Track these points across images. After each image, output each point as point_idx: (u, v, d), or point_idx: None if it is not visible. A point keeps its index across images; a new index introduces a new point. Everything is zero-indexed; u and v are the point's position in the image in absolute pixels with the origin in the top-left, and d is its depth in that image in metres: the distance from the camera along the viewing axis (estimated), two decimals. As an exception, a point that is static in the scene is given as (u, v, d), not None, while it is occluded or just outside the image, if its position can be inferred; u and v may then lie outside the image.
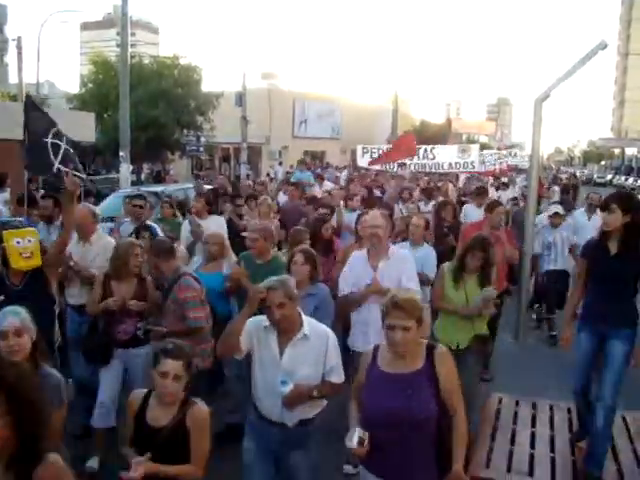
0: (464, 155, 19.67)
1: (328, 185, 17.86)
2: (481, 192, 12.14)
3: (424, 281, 6.51)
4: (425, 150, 19.16)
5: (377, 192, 15.05)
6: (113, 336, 5.61)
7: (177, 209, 10.47)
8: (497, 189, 20.95)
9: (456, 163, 19.57)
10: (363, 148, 20.05)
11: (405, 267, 5.57)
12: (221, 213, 10.31)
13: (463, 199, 14.78)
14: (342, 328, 5.90)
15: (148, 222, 8.51)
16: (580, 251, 5.59)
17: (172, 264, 5.62)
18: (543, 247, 10.18)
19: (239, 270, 6.08)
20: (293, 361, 3.94)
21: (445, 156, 19.46)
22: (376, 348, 3.68)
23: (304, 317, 4.06)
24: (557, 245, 10.13)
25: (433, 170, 19.94)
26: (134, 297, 5.60)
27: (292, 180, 16.83)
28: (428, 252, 7.30)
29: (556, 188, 22.16)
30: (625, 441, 5.20)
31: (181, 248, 7.45)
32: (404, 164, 18.31)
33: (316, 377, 3.96)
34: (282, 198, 13.61)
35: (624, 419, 5.56)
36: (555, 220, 10.19)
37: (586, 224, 10.64)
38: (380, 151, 19.20)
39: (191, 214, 8.98)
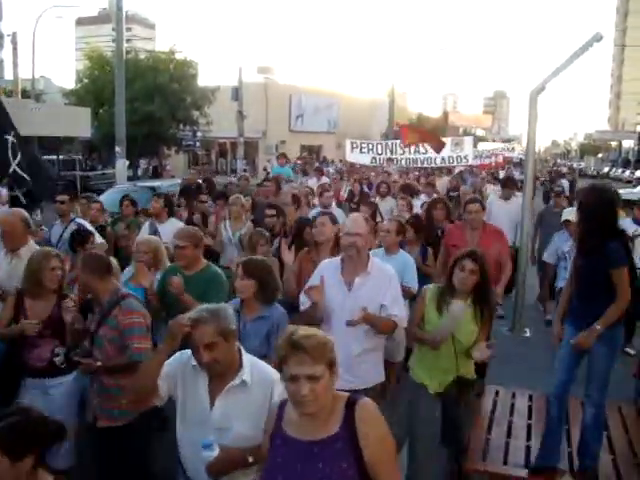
0: (457, 149, 19.16)
1: (325, 180, 16.24)
2: (509, 184, 11.28)
3: (406, 295, 5.61)
4: (417, 145, 18.79)
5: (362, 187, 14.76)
6: (24, 363, 4.70)
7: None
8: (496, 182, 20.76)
9: (449, 157, 19.06)
10: (352, 143, 19.72)
11: (389, 286, 4.50)
12: (192, 213, 9.51)
13: (451, 194, 14.09)
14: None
15: (79, 220, 7.50)
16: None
17: (109, 283, 4.55)
18: (555, 256, 8.69)
19: (178, 283, 4.92)
20: (226, 415, 3.10)
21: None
22: (283, 404, 2.74)
23: (246, 356, 3.21)
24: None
25: (425, 165, 19.58)
26: (51, 318, 4.70)
27: (271, 175, 16.14)
28: (405, 260, 6.17)
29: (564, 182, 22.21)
30: (621, 432, 5.21)
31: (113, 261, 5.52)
32: (391, 159, 18.36)
33: (255, 436, 2.97)
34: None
35: (620, 409, 5.58)
36: (571, 227, 7.91)
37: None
38: (370, 145, 19.16)
39: (148, 216, 8.11)
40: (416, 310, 4.72)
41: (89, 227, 7.21)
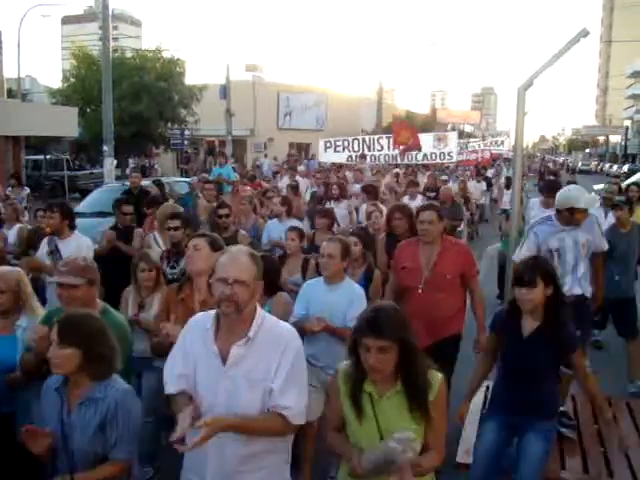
0: (440, 144, 18.00)
1: (300, 181, 14.95)
2: (553, 187, 8.32)
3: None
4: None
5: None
6: None
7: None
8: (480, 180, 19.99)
9: (432, 154, 17.95)
10: (326, 142, 18.68)
11: (281, 360, 2.85)
12: (115, 227, 8.05)
13: (429, 195, 12.27)
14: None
15: None
16: (490, 323, 4.43)
17: None
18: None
19: (43, 334, 3.57)
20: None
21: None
22: None
23: None
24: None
25: (405, 162, 18.34)
26: None
27: (211, 177, 14.43)
28: (351, 291, 4.85)
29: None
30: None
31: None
32: (364, 156, 17.28)
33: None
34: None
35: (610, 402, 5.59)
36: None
37: (604, 223, 8.09)
38: (345, 143, 17.96)
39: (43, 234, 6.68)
40: (330, 404, 3.36)
41: None
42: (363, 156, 17.35)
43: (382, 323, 2.82)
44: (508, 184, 17.35)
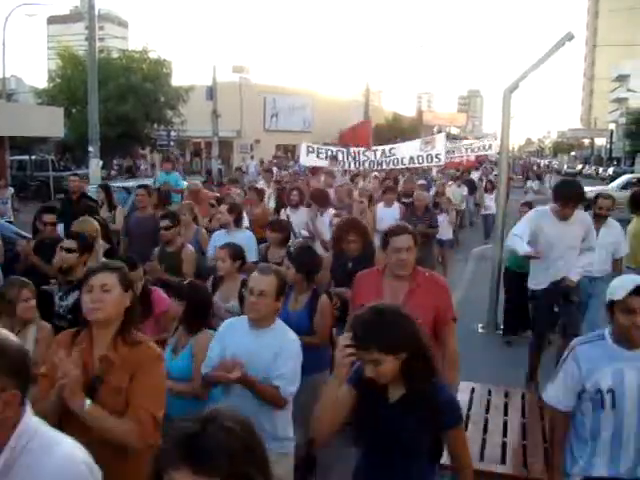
0: (427, 147, 16.75)
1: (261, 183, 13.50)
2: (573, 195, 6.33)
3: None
4: (383, 151, 16.97)
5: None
6: None
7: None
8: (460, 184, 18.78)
9: (418, 156, 16.66)
10: (308, 147, 17.63)
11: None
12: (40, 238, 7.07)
13: (405, 201, 11.16)
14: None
15: None
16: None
17: None
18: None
19: None
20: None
21: (405, 150, 17.00)
22: None
23: None
24: None
25: (391, 166, 17.16)
26: None
27: (157, 184, 12.47)
28: (282, 339, 3.79)
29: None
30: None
31: None
32: (335, 158, 16.21)
33: None
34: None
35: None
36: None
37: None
38: (329, 152, 16.92)
39: None
40: None
41: None
42: (334, 157, 16.19)
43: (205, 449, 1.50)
44: (492, 187, 17.27)
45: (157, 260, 6.55)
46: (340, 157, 16.60)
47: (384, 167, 17.09)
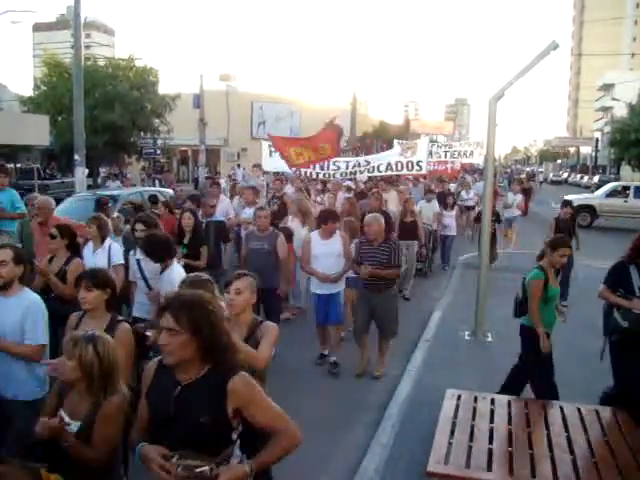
0: (407, 153, 15.14)
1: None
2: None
3: None
4: (358, 162, 15.33)
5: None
6: None
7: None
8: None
9: (397, 162, 14.89)
10: (270, 146, 15.17)
11: None
12: None
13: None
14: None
15: None
16: None
17: None
18: None
19: None
20: None
21: (383, 157, 15.60)
22: None
23: None
24: None
25: (366, 175, 15.92)
26: None
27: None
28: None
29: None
30: (580, 432, 5.26)
31: None
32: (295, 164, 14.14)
33: None
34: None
35: (579, 410, 5.64)
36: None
37: None
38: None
39: None
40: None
41: None
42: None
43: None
44: (453, 203, 16.05)
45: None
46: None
47: (357, 176, 15.92)
